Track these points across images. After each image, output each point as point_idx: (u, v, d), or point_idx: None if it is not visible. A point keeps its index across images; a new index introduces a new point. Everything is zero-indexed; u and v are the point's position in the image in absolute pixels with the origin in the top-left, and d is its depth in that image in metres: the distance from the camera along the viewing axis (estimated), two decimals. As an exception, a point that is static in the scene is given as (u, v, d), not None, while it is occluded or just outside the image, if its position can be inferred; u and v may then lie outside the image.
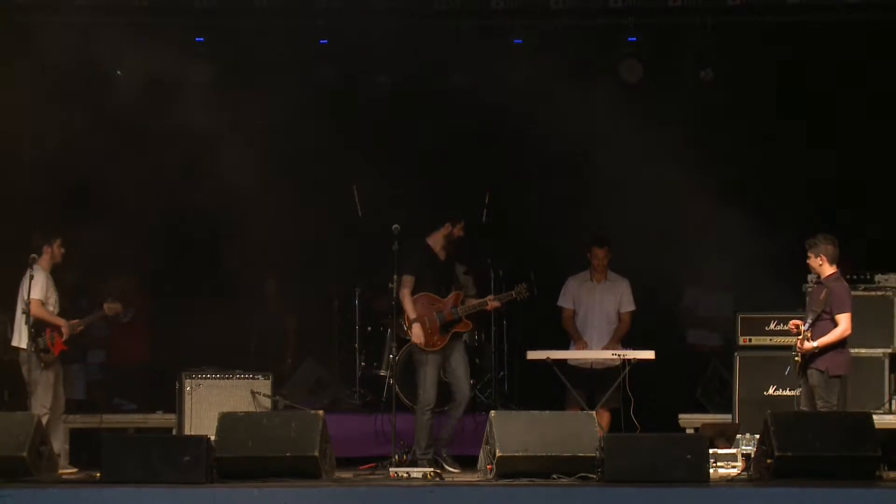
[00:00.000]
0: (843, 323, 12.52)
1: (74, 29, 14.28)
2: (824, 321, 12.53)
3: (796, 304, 13.53)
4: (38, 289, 13.24)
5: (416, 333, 13.17)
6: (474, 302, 13.50)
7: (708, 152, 14.96)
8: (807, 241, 12.74)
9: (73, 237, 13.76)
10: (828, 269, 12.65)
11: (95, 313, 13.86)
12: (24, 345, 13.18)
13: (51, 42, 14.17)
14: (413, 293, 13.24)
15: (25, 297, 13.14)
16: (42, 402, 13.16)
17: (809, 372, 12.52)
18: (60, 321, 13.42)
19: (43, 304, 13.30)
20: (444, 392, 13.87)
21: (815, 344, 12.39)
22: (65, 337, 13.42)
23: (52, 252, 13.46)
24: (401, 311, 13.39)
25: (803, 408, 12.60)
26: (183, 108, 14.47)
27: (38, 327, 13.24)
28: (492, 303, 13.49)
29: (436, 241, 13.37)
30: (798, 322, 12.63)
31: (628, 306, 14.06)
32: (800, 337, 12.45)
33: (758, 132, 15.32)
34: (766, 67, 15.04)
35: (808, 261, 12.72)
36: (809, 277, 13.22)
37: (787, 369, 12.82)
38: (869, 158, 15.19)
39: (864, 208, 15.20)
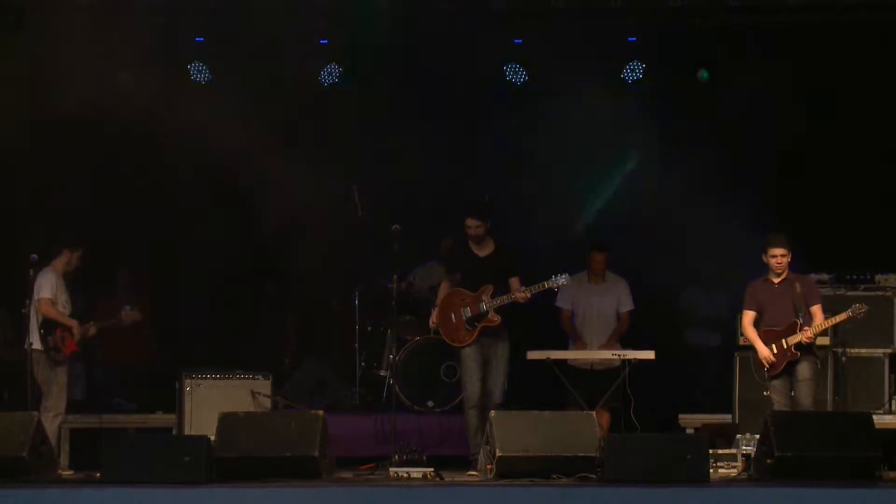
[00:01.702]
0: (821, 313, 12.54)
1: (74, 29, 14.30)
2: (805, 315, 12.52)
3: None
4: (47, 288, 13.25)
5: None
6: (510, 295, 13.00)
7: (708, 152, 14.96)
8: (774, 239, 12.60)
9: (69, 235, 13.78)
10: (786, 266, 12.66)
11: (113, 319, 13.84)
12: (35, 344, 13.21)
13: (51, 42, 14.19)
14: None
15: (35, 297, 13.18)
16: (55, 403, 13.19)
17: (801, 367, 12.47)
18: (72, 322, 13.40)
19: (53, 303, 13.30)
20: (447, 390, 13.95)
21: (813, 334, 12.41)
22: (76, 338, 13.41)
23: (70, 258, 13.44)
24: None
25: (782, 408, 12.49)
26: (181, 108, 14.47)
27: (47, 327, 13.26)
28: (521, 293, 12.92)
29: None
30: (768, 349, 12.55)
31: (627, 306, 14.06)
32: (806, 331, 12.40)
33: (757, 131, 15.32)
34: (766, 67, 15.04)
35: (777, 258, 12.53)
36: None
37: (766, 369, 12.73)
38: (868, 159, 15.20)
39: (864, 208, 15.20)
